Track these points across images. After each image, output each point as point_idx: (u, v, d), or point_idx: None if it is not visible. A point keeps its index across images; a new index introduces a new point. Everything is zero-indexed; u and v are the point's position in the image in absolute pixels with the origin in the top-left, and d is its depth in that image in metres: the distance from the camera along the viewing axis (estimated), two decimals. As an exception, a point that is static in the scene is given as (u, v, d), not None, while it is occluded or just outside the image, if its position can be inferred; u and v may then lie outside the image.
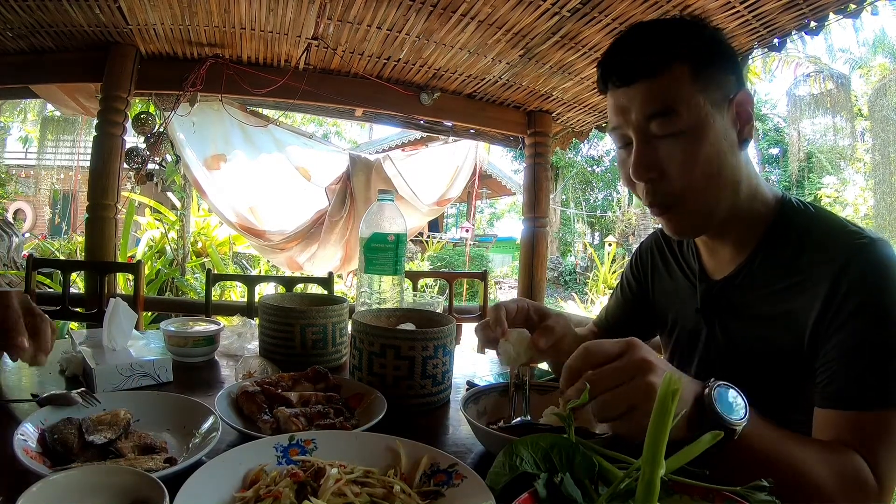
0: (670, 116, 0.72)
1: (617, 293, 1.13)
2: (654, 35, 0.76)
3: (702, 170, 0.73)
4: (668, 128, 0.72)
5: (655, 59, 0.72)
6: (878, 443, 0.64)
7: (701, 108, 0.72)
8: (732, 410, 0.58)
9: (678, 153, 0.72)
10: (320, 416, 0.75)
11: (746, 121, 0.76)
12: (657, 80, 0.72)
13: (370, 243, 1.17)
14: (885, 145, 7.57)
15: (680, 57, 0.72)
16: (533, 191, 3.41)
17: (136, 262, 2.66)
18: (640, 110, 0.73)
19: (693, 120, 0.72)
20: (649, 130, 0.74)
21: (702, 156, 0.72)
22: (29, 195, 10.61)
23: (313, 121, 12.58)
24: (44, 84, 2.84)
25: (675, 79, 0.71)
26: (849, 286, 0.69)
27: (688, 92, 0.71)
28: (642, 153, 0.74)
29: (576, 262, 13.45)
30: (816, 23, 2.09)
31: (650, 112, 0.73)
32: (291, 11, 2.32)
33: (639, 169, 0.75)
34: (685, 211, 0.77)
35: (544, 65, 2.69)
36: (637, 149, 0.75)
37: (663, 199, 0.77)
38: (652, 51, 0.73)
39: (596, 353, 0.58)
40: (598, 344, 0.59)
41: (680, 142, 0.72)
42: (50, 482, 0.48)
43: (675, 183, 0.74)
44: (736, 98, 0.75)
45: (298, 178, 3.77)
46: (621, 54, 0.76)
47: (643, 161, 0.74)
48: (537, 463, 0.54)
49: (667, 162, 0.73)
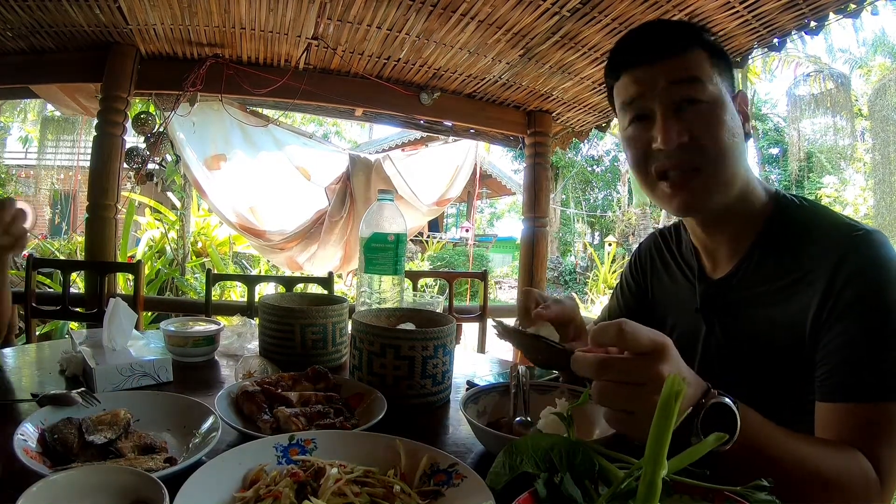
0: (696, 84, 0.75)
1: (616, 293, 1.14)
2: (673, 25, 0.82)
3: (727, 138, 0.75)
4: (696, 93, 0.75)
5: (679, 40, 0.77)
6: (879, 436, 0.65)
7: (719, 86, 0.77)
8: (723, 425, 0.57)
9: (705, 120, 0.75)
10: (320, 415, 0.76)
11: (745, 119, 0.80)
12: (682, 56, 0.76)
13: (370, 243, 1.17)
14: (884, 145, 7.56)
15: (699, 43, 0.77)
16: (533, 191, 3.41)
17: (136, 262, 2.66)
18: (665, 78, 0.76)
19: (714, 94, 0.76)
20: (676, 99, 0.75)
21: (726, 125, 0.75)
22: (29, 195, 10.61)
23: (313, 121, 12.58)
24: (44, 84, 2.84)
25: (697, 57, 0.76)
26: (846, 278, 0.69)
27: (708, 70, 0.76)
28: (671, 120, 0.75)
29: (576, 262, 13.44)
30: (816, 23, 2.09)
31: (677, 78, 0.75)
32: (291, 11, 2.32)
33: (670, 132, 0.75)
34: (710, 177, 0.76)
35: (544, 65, 2.69)
36: (665, 114, 0.76)
37: (691, 161, 0.76)
38: (675, 35, 0.78)
39: (627, 338, 0.53)
40: (636, 329, 0.54)
41: (705, 110, 0.75)
42: (50, 482, 0.48)
43: (706, 144, 0.75)
44: (738, 96, 0.80)
45: (298, 177, 3.77)
46: (644, 37, 0.80)
47: (674, 125, 0.75)
48: (537, 463, 0.54)
49: (695, 126, 0.75)
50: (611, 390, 0.55)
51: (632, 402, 0.54)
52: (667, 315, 0.99)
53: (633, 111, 0.80)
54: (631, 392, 0.54)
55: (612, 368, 0.54)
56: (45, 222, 11.34)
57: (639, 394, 0.53)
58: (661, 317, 1.00)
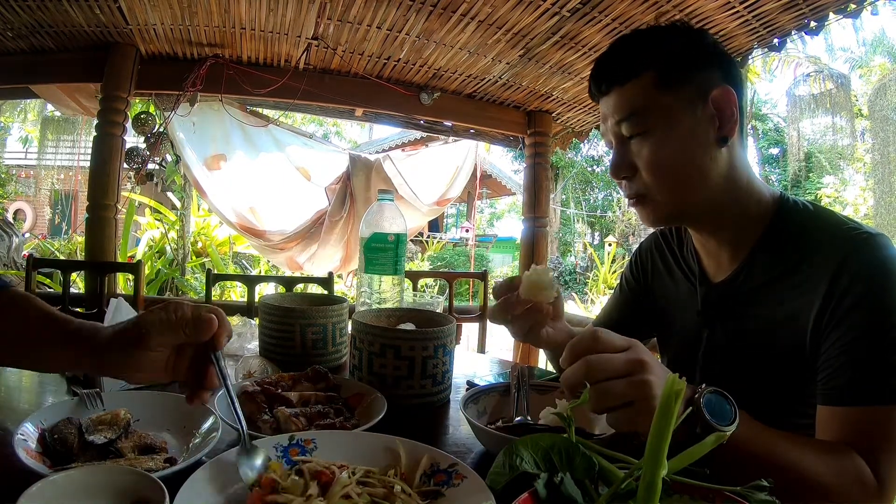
0: (636, 118, 0.78)
1: (616, 293, 1.13)
2: (628, 47, 0.82)
3: (667, 166, 0.78)
4: (634, 129, 0.79)
5: (623, 69, 0.79)
6: (879, 440, 0.64)
7: (665, 109, 0.76)
8: (722, 417, 0.57)
9: (646, 152, 0.78)
10: (320, 416, 0.75)
11: (728, 118, 0.76)
12: (624, 87, 0.79)
13: (370, 243, 1.17)
14: (884, 145, 7.56)
15: (646, 65, 0.77)
16: (533, 191, 3.41)
17: (136, 262, 2.66)
18: (612, 116, 0.81)
19: (657, 120, 0.77)
20: (622, 133, 0.81)
21: (667, 153, 0.77)
22: (29, 195, 10.61)
23: (313, 121, 12.57)
24: (44, 84, 2.84)
25: (640, 85, 0.77)
26: (848, 281, 0.69)
27: (651, 95, 0.77)
28: (617, 154, 0.82)
29: (576, 262, 13.44)
30: (816, 23, 2.09)
31: (620, 117, 0.80)
32: (291, 11, 2.32)
33: (613, 168, 0.83)
34: (653, 202, 0.82)
35: (544, 65, 2.69)
36: (613, 151, 0.83)
37: (636, 191, 0.83)
38: (622, 62, 0.80)
39: (603, 341, 0.58)
40: (608, 333, 0.60)
41: (647, 141, 0.78)
42: (50, 482, 0.48)
43: (643, 178, 0.80)
44: (713, 94, 0.75)
45: (298, 178, 3.77)
46: (600, 68, 0.83)
47: (615, 161, 0.83)
48: (537, 463, 0.54)
49: (637, 160, 0.80)
50: (604, 390, 0.56)
51: (626, 392, 0.55)
52: (668, 317, 0.98)
53: (605, 142, 0.87)
54: (623, 384, 0.55)
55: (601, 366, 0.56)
56: (45, 222, 11.34)
57: (631, 383, 0.55)
58: (662, 318, 1.00)
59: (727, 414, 0.58)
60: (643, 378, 0.55)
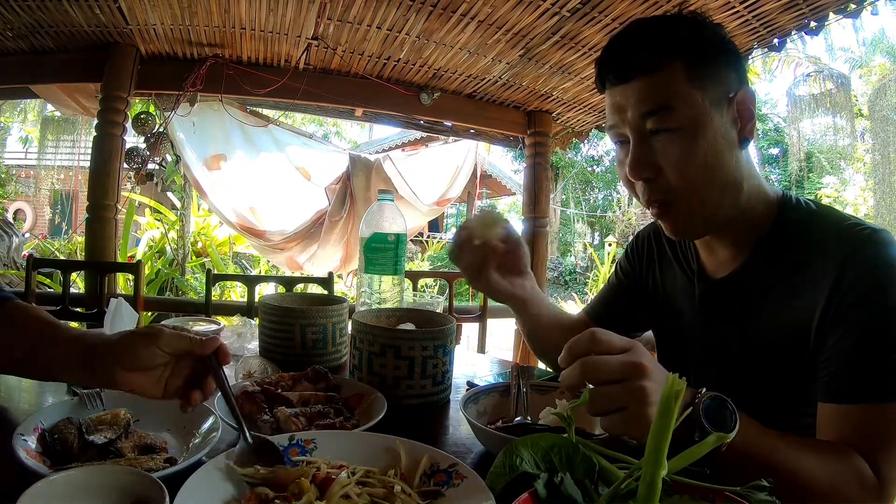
0: (666, 113, 0.71)
1: (611, 280, 1.10)
2: (651, 32, 0.75)
3: (699, 168, 0.72)
4: (663, 124, 0.71)
5: (651, 55, 0.71)
6: (880, 438, 0.64)
7: (698, 105, 0.71)
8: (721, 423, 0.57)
9: (674, 150, 0.72)
10: (320, 416, 0.75)
11: (748, 119, 0.74)
12: (653, 76, 0.71)
13: (370, 243, 1.17)
14: (884, 145, 7.55)
15: (676, 54, 0.71)
16: (533, 191, 3.41)
17: (136, 262, 2.66)
18: (636, 108, 0.73)
19: (689, 117, 0.71)
20: (645, 128, 0.73)
21: (699, 153, 0.71)
22: (29, 195, 10.60)
23: (313, 121, 12.56)
24: (44, 84, 2.84)
25: (670, 75, 0.71)
26: (852, 278, 0.68)
27: (684, 89, 0.71)
28: (639, 151, 0.74)
29: (576, 263, 13.44)
30: (816, 23, 2.09)
31: (646, 110, 0.72)
32: (291, 11, 2.32)
33: (635, 167, 0.74)
34: (684, 211, 0.76)
35: (544, 65, 2.69)
36: (634, 147, 0.74)
37: (661, 196, 0.76)
38: (648, 48, 0.72)
39: (601, 342, 0.57)
40: (607, 334, 0.58)
41: (676, 139, 0.71)
42: (50, 482, 0.48)
43: (672, 181, 0.73)
44: (737, 96, 0.73)
45: (298, 178, 3.77)
46: (618, 52, 0.76)
47: (640, 159, 0.74)
48: (537, 463, 0.54)
49: (663, 160, 0.73)
50: (601, 393, 0.56)
51: (622, 397, 0.55)
52: (663, 308, 0.97)
53: (614, 136, 0.79)
54: (618, 389, 0.55)
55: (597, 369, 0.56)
56: (45, 222, 11.34)
57: (627, 387, 0.55)
58: (657, 310, 0.99)
59: (726, 420, 0.58)
60: (639, 384, 0.55)
